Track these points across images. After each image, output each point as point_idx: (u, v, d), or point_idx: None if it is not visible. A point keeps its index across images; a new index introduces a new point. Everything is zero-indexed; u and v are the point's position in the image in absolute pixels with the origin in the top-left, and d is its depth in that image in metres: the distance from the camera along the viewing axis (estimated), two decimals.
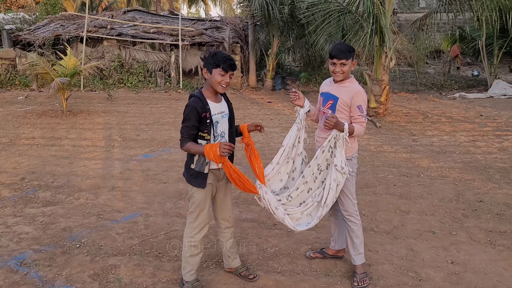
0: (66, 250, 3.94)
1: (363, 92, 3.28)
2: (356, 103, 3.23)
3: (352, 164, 3.36)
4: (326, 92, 3.43)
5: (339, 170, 3.15)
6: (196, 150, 3.04)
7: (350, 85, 3.31)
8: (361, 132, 3.27)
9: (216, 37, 16.15)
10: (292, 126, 3.37)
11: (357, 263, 3.46)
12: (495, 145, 7.63)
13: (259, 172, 3.20)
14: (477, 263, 3.70)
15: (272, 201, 3.18)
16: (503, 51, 14.54)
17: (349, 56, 3.23)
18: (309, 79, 16.18)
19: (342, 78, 3.29)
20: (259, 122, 3.33)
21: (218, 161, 2.94)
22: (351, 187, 3.38)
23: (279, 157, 3.31)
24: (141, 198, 5.21)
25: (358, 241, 3.44)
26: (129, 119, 10.11)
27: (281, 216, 3.20)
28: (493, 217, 4.62)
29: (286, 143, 3.34)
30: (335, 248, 3.76)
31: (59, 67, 10.57)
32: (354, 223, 3.43)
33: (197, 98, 3.06)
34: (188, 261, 3.28)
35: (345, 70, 3.24)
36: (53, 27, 16.70)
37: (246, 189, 3.11)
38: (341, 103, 3.28)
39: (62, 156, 6.99)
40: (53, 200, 5.16)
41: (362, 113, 3.24)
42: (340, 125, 3.10)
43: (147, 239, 4.18)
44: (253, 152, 3.24)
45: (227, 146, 2.87)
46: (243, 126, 3.32)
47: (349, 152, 3.33)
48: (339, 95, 3.30)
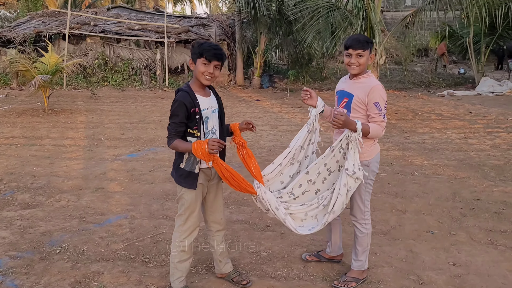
0: (45, 256, 3.68)
1: (381, 88, 2.94)
2: (373, 100, 2.90)
3: (369, 170, 3.05)
4: (341, 90, 3.15)
5: (350, 175, 2.87)
6: (184, 148, 2.81)
7: (366, 80, 2.99)
8: (379, 133, 2.94)
9: (202, 34, 15.89)
10: (302, 127, 3.15)
11: (354, 267, 3.27)
12: (487, 142, 7.53)
13: (255, 171, 2.98)
14: (479, 265, 3.55)
15: (272, 201, 2.95)
16: (490, 48, 14.56)
17: (367, 47, 2.92)
18: (297, 77, 16.03)
19: (357, 72, 2.98)
20: (250, 120, 3.10)
21: (207, 159, 2.71)
22: (363, 194, 3.11)
23: (283, 158, 3.09)
24: (126, 200, 4.96)
25: (361, 249, 3.22)
26: (114, 118, 9.80)
27: (282, 216, 2.97)
28: (492, 216, 4.48)
29: (293, 145, 3.11)
30: (330, 254, 3.56)
31: (40, 64, 10.23)
32: (360, 231, 3.19)
33: (185, 92, 2.83)
34: (177, 267, 3.06)
35: (362, 62, 2.93)
36: (35, 24, 16.26)
37: (242, 189, 2.87)
38: (357, 100, 2.97)
39: (42, 156, 6.69)
40: (32, 202, 4.88)
41: (380, 111, 2.91)
42: (351, 124, 2.80)
43: (132, 243, 3.93)
44: (246, 152, 3.02)
45: (216, 142, 2.64)
46: (234, 125, 3.10)
47: (366, 156, 3.01)
48: (354, 92, 2.99)
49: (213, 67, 2.80)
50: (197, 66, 2.80)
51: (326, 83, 16.55)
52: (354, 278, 3.23)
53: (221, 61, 2.83)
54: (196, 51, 2.81)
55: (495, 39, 14.13)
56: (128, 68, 15.53)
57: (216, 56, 2.78)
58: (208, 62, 2.78)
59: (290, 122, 9.55)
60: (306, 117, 9.61)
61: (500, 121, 9.44)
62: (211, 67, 2.79)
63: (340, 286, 3.18)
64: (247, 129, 3.09)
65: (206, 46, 2.78)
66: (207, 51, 2.76)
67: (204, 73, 2.79)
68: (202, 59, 2.77)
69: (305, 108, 11.38)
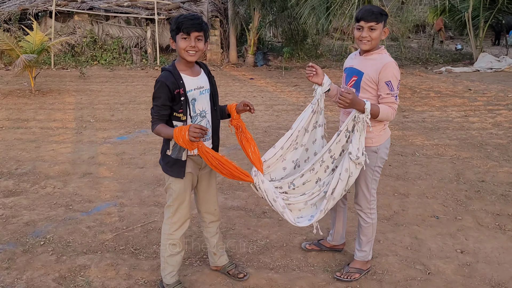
0: (29, 249, 3.45)
1: (395, 65, 2.65)
2: (384, 79, 2.61)
3: (378, 157, 2.81)
4: (349, 66, 2.84)
5: (353, 160, 2.62)
6: (166, 133, 2.54)
7: (378, 57, 2.70)
8: (389, 116, 2.66)
9: (194, 10, 15.41)
10: (306, 107, 2.88)
11: (357, 258, 3.07)
12: (488, 120, 7.32)
13: (254, 157, 2.71)
14: (488, 252, 3.37)
15: (269, 192, 2.68)
16: (488, 23, 14.24)
17: (380, 19, 2.62)
18: (292, 55, 15.65)
19: (369, 47, 2.68)
20: (248, 101, 2.80)
21: (189, 147, 2.43)
22: (370, 182, 2.86)
23: (285, 141, 2.81)
24: (115, 186, 4.72)
25: (365, 239, 3.01)
26: (103, 98, 9.47)
27: (280, 209, 2.71)
28: (498, 199, 4.30)
29: (295, 126, 2.83)
30: (331, 243, 3.36)
31: (25, 43, 9.80)
32: (365, 221, 2.98)
33: (168, 72, 2.55)
34: (168, 262, 2.84)
35: (374, 36, 2.63)
36: (20, 1, 15.66)
37: (236, 177, 2.59)
38: (367, 79, 2.68)
39: (28, 140, 6.40)
40: (16, 189, 4.63)
41: (392, 91, 2.63)
42: (359, 103, 2.52)
43: (121, 233, 3.71)
44: (245, 135, 2.75)
45: (198, 128, 2.33)
46: (230, 106, 2.82)
47: (375, 142, 2.77)
48: (365, 69, 2.70)
49: (194, 39, 2.49)
50: (178, 43, 2.51)
51: (322, 60, 16.20)
52: (357, 269, 3.04)
53: (201, 31, 2.51)
54: (173, 27, 2.52)
55: (494, 14, 13.78)
56: (118, 46, 15.07)
57: (195, 26, 2.46)
58: (187, 35, 2.48)
59: (286, 102, 9.27)
60: (302, 96, 9.30)
61: (500, 98, 9.21)
62: (192, 40, 2.49)
63: (343, 278, 2.99)
64: (244, 111, 2.82)
65: (181, 19, 2.47)
66: (183, 24, 2.46)
67: (186, 49, 2.50)
68: (180, 34, 2.48)
69: (301, 86, 11.13)
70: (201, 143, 2.45)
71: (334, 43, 14.97)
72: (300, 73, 13.69)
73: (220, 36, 15.80)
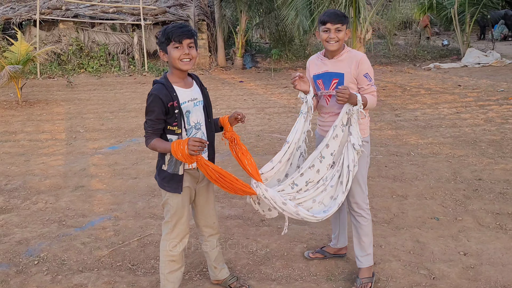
0: (22, 269, 3.34)
1: (367, 58, 2.82)
2: (362, 72, 2.77)
3: (368, 147, 2.94)
4: (323, 72, 2.87)
5: (357, 149, 2.72)
6: (163, 148, 2.47)
7: (349, 55, 2.83)
8: (374, 103, 2.82)
9: (180, 15, 15.30)
10: (297, 119, 2.86)
11: (364, 265, 2.99)
12: (480, 116, 7.34)
13: (251, 169, 2.62)
14: (491, 253, 3.33)
15: (277, 198, 2.61)
16: (474, 18, 14.33)
17: (345, 21, 2.74)
18: (280, 56, 15.62)
19: (336, 48, 2.78)
20: (239, 112, 2.74)
21: (189, 161, 2.37)
22: (364, 173, 2.92)
23: (282, 155, 2.77)
24: (108, 198, 4.61)
25: (367, 239, 2.96)
26: (92, 107, 9.34)
27: (293, 210, 2.63)
28: (497, 197, 4.28)
29: (291, 139, 2.80)
30: (336, 246, 3.30)
31: (10, 54, 9.65)
32: (365, 218, 2.95)
33: (161, 84, 2.48)
34: (168, 278, 2.75)
35: (341, 37, 2.75)
36: (2, 11, 15.43)
37: (237, 190, 2.51)
38: (348, 78, 2.79)
39: (17, 153, 6.26)
40: (7, 206, 4.50)
41: (370, 81, 2.80)
42: (353, 97, 2.66)
43: (118, 248, 3.62)
44: (240, 148, 2.68)
45: (198, 142, 2.28)
46: (223, 118, 2.75)
47: (365, 133, 2.90)
48: (343, 69, 2.80)
49: (187, 47, 2.44)
50: (170, 54, 2.44)
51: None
52: (368, 278, 2.97)
53: (192, 38, 2.46)
54: (162, 39, 2.45)
55: (480, 9, 13.87)
56: (105, 53, 14.91)
57: (185, 33, 2.42)
58: (179, 44, 2.42)
59: (277, 104, 9.22)
60: (293, 97, 9.20)
61: (490, 93, 9.25)
62: (185, 48, 2.43)
63: None
64: (237, 122, 2.75)
65: (170, 29, 2.42)
66: (173, 33, 2.40)
67: (180, 57, 2.43)
68: (172, 43, 2.42)
69: (291, 88, 11.06)
70: (200, 156, 2.38)
71: None
72: (289, 74, 13.64)
73: (208, 40, 15.72)
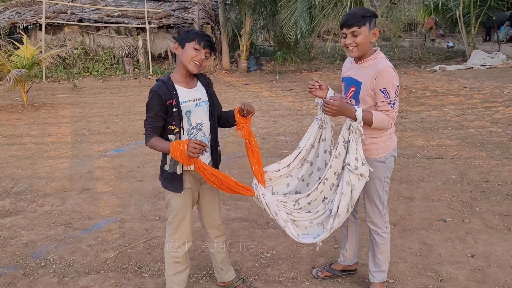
0: (29, 271, 3.35)
1: (391, 71, 2.44)
2: (380, 86, 2.42)
3: (386, 167, 2.64)
4: (347, 76, 2.67)
5: (352, 170, 2.45)
6: (161, 147, 2.46)
7: (373, 63, 2.51)
8: (385, 124, 2.46)
9: (185, 18, 15.35)
10: (311, 124, 2.77)
11: (376, 280, 2.87)
12: (486, 118, 7.30)
13: (256, 169, 2.60)
14: (499, 255, 3.31)
15: (271, 205, 2.56)
16: (479, 20, 14.29)
17: (363, 22, 2.41)
18: (285, 58, 15.62)
19: (358, 54, 2.51)
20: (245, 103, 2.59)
21: (186, 163, 2.36)
22: (381, 194, 2.67)
23: (292, 160, 2.71)
24: (114, 201, 4.62)
25: (383, 257, 2.81)
26: (97, 111, 9.37)
27: (282, 223, 2.57)
28: (504, 199, 4.25)
29: (303, 145, 2.72)
30: (344, 264, 3.14)
31: (16, 58, 9.70)
32: (382, 237, 2.75)
33: (162, 82, 2.49)
34: (173, 280, 2.75)
35: (359, 41, 2.44)
36: (8, 15, 15.55)
37: (235, 192, 2.51)
38: (365, 89, 2.50)
39: (23, 156, 6.29)
40: (13, 209, 4.52)
41: (387, 98, 2.43)
42: (349, 110, 2.37)
43: (124, 251, 3.62)
44: (250, 144, 2.63)
45: (198, 144, 2.27)
46: (236, 110, 2.68)
47: (382, 153, 2.60)
48: (362, 79, 2.52)
49: (205, 54, 2.48)
50: (186, 51, 2.45)
51: (315, 63, 16.18)
52: None
53: (212, 51, 2.52)
54: (185, 36, 2.47)
55: (485, 10, 13.83)
56: (110, 57, 14.98)
57: (210, 45, 2.48)
58: (200, 47, 2.45)
59: (282, 106, 9.21)
60: (298, 100, 9.21)
61: (496, 94, 9.21)
62: (203, 53, 2.47)
63: None
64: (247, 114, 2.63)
65: (197, 32, 2.48)
66: (200, 37, 2.45)
67: (195, 59, 2.45)
68: (193, 42, 2.44)
69: (296, 90, 11.09)
70: (197, 159, 2.38)
71: (327, 45, 14.93)
72: (294, 77, 13.66)
73: None
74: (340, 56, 16.45)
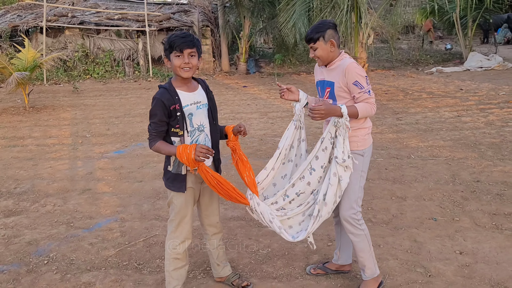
0: (33, 268, 3.47)
1: (355, 65, 2.71)
2: (351, 80, 2.68)
3: (364, 161, 2.81)
4: (320, 80, 2.94)
5: (340, 163, 2.65)
6: (167, 151, 2.61)
7: (339, 63, 2.78)
8: (369, 111, 2.71)
9: (184, 21, 15.50)
10: (288, 125, 2.95)
11: (366, 277, 2.97)
12: (481, 120, 7.42)
13: (249, 181, 2.77)
14: (487, 252, 3.42)
15: (265, 214, 2.74)
16: (476, 23, 14.42)
17: (316, 37, 2.73)
18: (283, 61, 15.75)
19: (322, 63, 2.83)
20: (242, 125, 2.83)
21: (192, 166, 2.51)
22: (356, 187, 2.80)
23: (274, 162, 2.88)
24: (115, 201, 4.74)
25: (365, 255, 2.90)
26: (98, 113, 9.50)
27: (277, 230, 2.76)
28: (494, 198, 4.36)
29: (282, 145, 2.91)
30: (338, 263, 3.25)
31: (17, 61, 9.84)
32: (355, 234, 2.84)
33: (164, 89, 2.63)
34: (173, 276, 2.87)
35: (319, 54, 2.76)
36: (10, 18, 15.71)
37: (233, 198, 2.66)
38: (338, 87, 2.76)
39: (25, 158, 6.41)
40: (16, 209, 4.64)
41: (362, 88, 2.68)
42: (335, 110, 2.61)
43: (124, 249, 3.74)
44: (240, 158, 2.80)
45: (204, 150, 2.43)
46: (228, 127, 2.87)
47: (361, 146, 2.79)
48: (333, 78, 2.79)
49: (188, 56, 2.57)
50: (172, 61, 2.59)
51: (313, 65, 16.31)
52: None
53: (194, 47, 2.58)
54: (166, 47, 2.61)
55: (482, 13, 13.96)
56: (110, 59, 15.12)
57: (187, 43, 2.54)
58: (180, 53, 2.55)
59: (280, 108, 9.34)
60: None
61: (491, 96, 9.34)
62: (186, 57, 2.56)
63: None
64: (239, 134, 2.84)
65: (173, 38, 2.57)
66: (175, 42, 2.55)
67: (181, 66, 2.57)
68: (174, 52, 2.57)
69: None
70: (202, 163, 2.51)
71: None
72: (293, 79, 13.79)
73: (212, 45, 15.89)
74: None
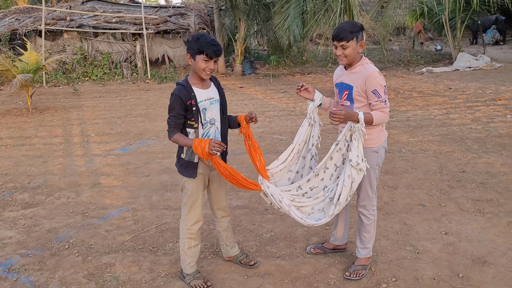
0: (55, 252, 3.78)
1: (377, 75, 2.89)
2: (371, 88, 2.86)
3: (378, 156, 3.08)
4: (339, 82, 3.11)
5: (354, 166, 2.87)
6: (184, 142, 2.94)
7: (362, 69, 2.95)
8: (383, 119, 2.91)
9: (181, 24, 15.82)
10: (303, 122, 3.25)
11: (361, 255, 3.31)
12: (468, 117, 7.82)
13: (260, 166, 3.06)
14: (469, 232, 3.79)
15: (275, 194, 3.01)
16: (465, 24, 14.87)
17: (350, 37, 2.86)
18: (278, 62, 16.11)
19: (347, 63, 2.97)
20: (253, 112, 3.13)
21: (206, 158, 2.84)
22: (373, 181, 3.11)
23: (288, 154, 3.17)
24: (125, 193, 5.06)
25: (368, 236, 3.26)
26: (100, 113, 9.80)
27: (286, 208, 3.01)
28: (478, 186, 4.74)
29: (296, 141, 3.19)
30: (335, 243, 3.59)
31: (20, 63, 10.11)
32: (368, 218, 3.20)
33: (181, 86, 2.95)
34: (187, 253, 3.20)
35: (348, 53, 2.89)
36: (8, 22, 15.94)
37: (245, 186, 2.97)
38: (356, 91, 2.94)
39: (34, 156, 6.70)
40: (33, 201, 4.94)
41: (379, 98, 2.88)
42: (353, 115, 2.81)
43: (138, 234, 4.06)
44: (252, 144, 3.09)
45: (217, 144, 2.76)
46: (240, 116, 3.19)
47: (375, 143, 3.03)
48: (353, 83, 2.96)
49: (213, 63, 2.91)
50: (197, 63, 2.88)
51: (307, 66, 16.70)
52: (362, 265, 3.29)
53: (219, 56, 2.95)
54: (195, 47, 2.87)
55: (470, 15, 14.42)
56: (108, 62, 15.40)
57: (216, 53, 2.87)
58: (209, 59, 2.87)
59: (276, 108, 9.69)
60: (291, 101, 9.73)
61: (478, 95, 9.75)
62: (212, 63, 2.90)
63: (353, 277, 3.23)
64: (251, 121, 3.13)
65: (205, 43, 2.84)
66: (207, 48, 2.83)
67: (205, 69, 2.89)
68: (202, 56, 2.85)
69: (289, 92, 11.59)
70: (215, 156, 2.84)
71: (319, 49, 15.47)
72: (288, 80, 14.15)
73: None
74: (331, 60, 16.99)
